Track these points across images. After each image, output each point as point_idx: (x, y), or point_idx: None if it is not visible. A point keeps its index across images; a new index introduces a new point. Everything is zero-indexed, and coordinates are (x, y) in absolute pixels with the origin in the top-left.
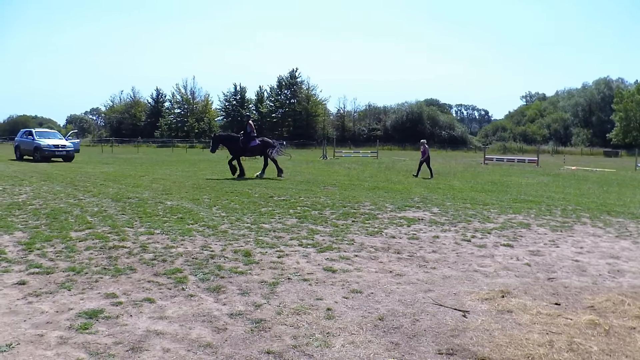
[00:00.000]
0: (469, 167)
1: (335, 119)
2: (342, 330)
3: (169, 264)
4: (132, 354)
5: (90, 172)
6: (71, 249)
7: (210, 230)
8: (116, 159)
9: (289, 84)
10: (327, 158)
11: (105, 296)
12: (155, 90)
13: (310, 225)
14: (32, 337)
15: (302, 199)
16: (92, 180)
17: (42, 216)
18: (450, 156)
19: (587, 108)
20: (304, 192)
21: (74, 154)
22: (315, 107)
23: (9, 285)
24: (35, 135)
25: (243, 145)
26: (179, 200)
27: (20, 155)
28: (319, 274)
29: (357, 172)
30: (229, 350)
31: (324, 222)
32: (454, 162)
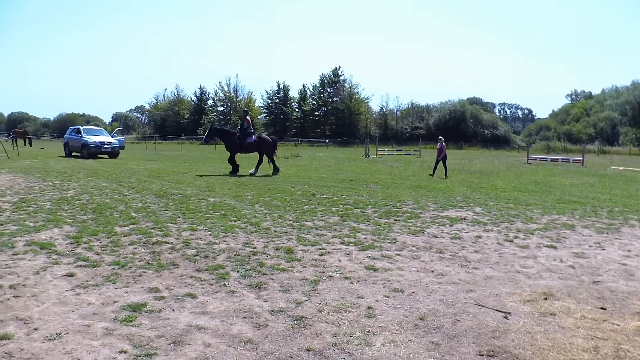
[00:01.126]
0: (512, 167)
1: (378, 117)
2: (383, 329)
3: (211, 260)
4: (174, 347)
5: (134, 168)
6: (116, 244)
7: (253, 227)
8: (160, 155)
9: (331, 82)
10: (370, 156)
11: (148, 290)
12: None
13: (353, 224)
14: (79, 327)
15: (345, 197)
16: (136, 176)
17: (88, 211)
18: (493, 155)
19: (636, 106)
20: (346, 190)
21: (119, 150)
22: (357, 105)
23: (58, 276)
24: (82, 132)
25: (239, 142)
26: (222, 197)
27: (69, 152)
28: (361, 272)
29: (399, 170)
30: (269, 347)
31: (366, 221)
32: (497, 161)
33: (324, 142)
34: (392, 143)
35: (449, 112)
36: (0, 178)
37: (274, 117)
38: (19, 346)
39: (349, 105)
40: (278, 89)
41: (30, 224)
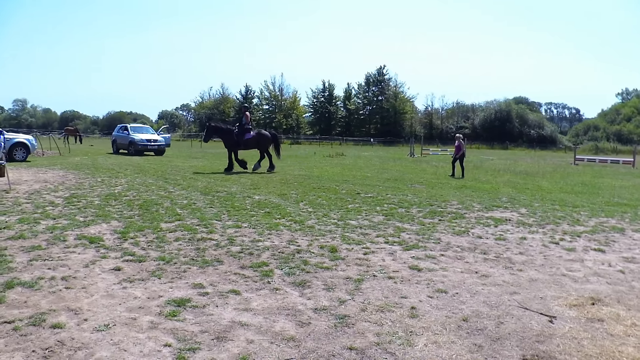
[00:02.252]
0: (558, 168)
1: (423, 117)
2: (426, 330)
3: (256, 257)
4: (217, 343)
5: (180, 165)
6: (162, 240)
7: (297, 225)
8: (205, 153)
9: (376, 81)
10: (415, 156)
11: (193, 286)
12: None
13: (397, 223)
14: (126, 320)
15: (389, 196)
16: (181, 173)
17: (135, 207)
18: (538, 156)
19: None
20: (391, 189)
21: (165, 148)
22: (403, 105)
23: (106, 270)
24: (130, 130)
25: (237, 138)
26: (267, 194)
27: (117, 149)
28: (404, 272)
29: (444, 170)
30: (311, 345)
31: (411, 220)
32: (543, 162)
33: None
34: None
35: (494, 111)
36: (53, 174)
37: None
38: (70, 335)
39: (394, 104)
40: (323, 87)
41: (80, 218)
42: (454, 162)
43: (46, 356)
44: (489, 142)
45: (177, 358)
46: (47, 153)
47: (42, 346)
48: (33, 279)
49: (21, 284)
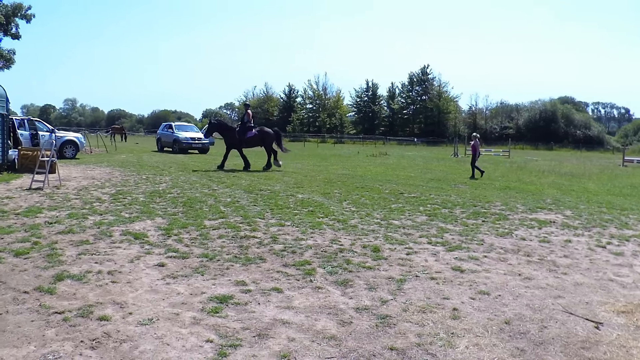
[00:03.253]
0: (606, 169)
1: (467, 117)
2: (467, 332)
3: (298, 256)
4: (258, 340)
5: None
6: (205, 237)
7: (340, 225)
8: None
9: (420, 80)
10: (459, 156)
11: (235, 283)
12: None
13: (440, 224)
14: (169, 315)
15: (433, 196)
16: (225, 172)
17: (179, 204)
18: (585, 157)
19: None
20: (434, 189)
21: (209, 146)
22: (446, 104)
23: (150, 266)
24: (174, 128)
25: (239, 136)
26: (310, 193)
27: (161, 147)
28: (447, 273)
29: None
30: (352, 344)
31: (454, 221)
32: (589, 163)
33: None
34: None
35: (539, 111)
36: (100, 171)
37: (362, 115)
38: (116, 328)
39: (438, 103)
40: (367, 87)
41: (126, 215)
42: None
43: (93, 347)
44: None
45: (218, 354)
46: (95, 151)
47: (90, 337)
48: (81, 272)
49: (70, 276)
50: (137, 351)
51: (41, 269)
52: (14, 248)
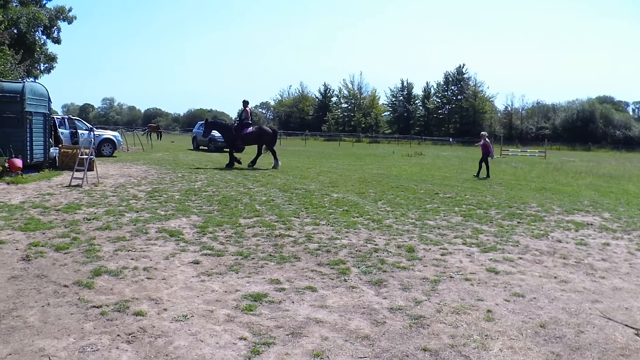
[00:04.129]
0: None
1: (503, 117)
2: (501, 334)
3: (333, 255)
4: (291, 338)
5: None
6: (240, 235)
7: (375, 224)
8: (284, 151)
9: (455, 80)
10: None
11: (269, 281)
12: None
13: (475, 224)
14: (203, 312)
15: (468, 197)
16: (260, 170)
17: (214, 202)
18: (624, 158)
19: None
20: (469, 190)
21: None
22: (482, 104)
23: (185, 263)
24: None
25: (236, 133)
26: (345, 193)
27: (197, 146)
28: (481, 274)
29: (523, 171)
30: (385, 344)
31: (489, 222)
32: (629, 164)
33: (447, 141)
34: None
35: (576, 111)
36: (137, 169)
37: (397, 114)
38: (151, 323)
39: (474, 103)
40: (402, 86)
41: (162, 212)
42: (487, 162)
43: (129, 341)
44: (570, 144)
45: (251, 351)
46: (132, 149)
47: (126, 331)
48: (118, 268)
49: (107, 272)
50: (171, 347)
51: (80, 263)
52: (55, 243)
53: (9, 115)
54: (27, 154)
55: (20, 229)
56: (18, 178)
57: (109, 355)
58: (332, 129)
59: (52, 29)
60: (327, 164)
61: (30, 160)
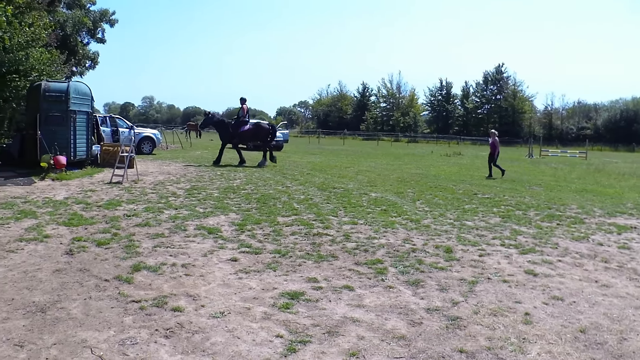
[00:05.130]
0: None
1: (542, 117)
2: (539, 338)
3: (370, 255)
4: (327, 337)
5: (297, 161)
6: (278, 233)
7: (413, 224)
8: (322, 150)
9: (494, 80)
10: (533, 157)
11: (307, 280)
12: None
13: (514, 226)
14: (240, 309)
15: (506, 197)
16: (299, 169)
17: (253, 200)
18: None
19: None
20: (508, 190)
21: (283, 144)
22: (521, 104)
23: (223, 260)
24: None
25: (233, 130)
26: (383, 192)
27: None
28: (520, 276)
29: (563, 172)
30: (422, 345)
31: (528, 223)
32: None
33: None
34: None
35: (620, 111)
36: (176, 166)
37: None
38: (188, 319)
39: (513, 103)
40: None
41: (200, 209)
42: (492, 161)
43: (167, 336)
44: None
45: (287, 349)
46: (171, 147)
47: (164, 326)
48: (157, 264)
49: (146, 267)
50: (208, 342)
51: (120, 259)
52: (96, 238)
53: (54, 114)
54: (70, 151)
55: (64, 224)
56: (62, 175)
57: (148, 349)
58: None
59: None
60: (365, 163)
61: (74, 157)
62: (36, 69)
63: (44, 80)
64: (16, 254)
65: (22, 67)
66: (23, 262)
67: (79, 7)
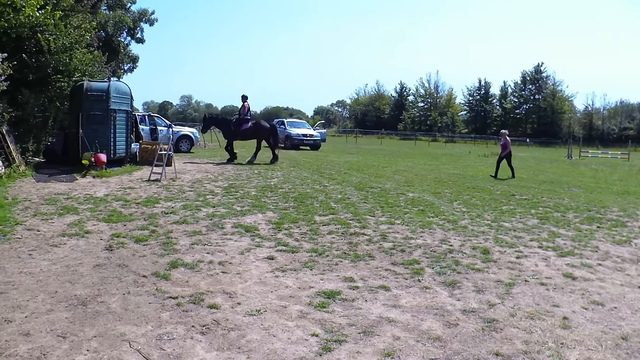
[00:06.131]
0: None
1: (582, 117)
2: (578, 343)
3: (407, 255)
4: (363, 337)
5: (335, 160)
6: (315, 232)
7: (450, 225)
8: (360, 149)
9: (533, 79)
10: (572, 158)
11: (343, 279)
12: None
13: (552, 228)
14: (277, 307)
15: (545, 199)
16: (336, 168)
17: (290, 199)
18: None
19: None
20: (546, 192)
21: (321, 143)
22: (560, 104)
23: (260, 258)
24: (286, 125)
25: (234, 128)
26: (421, 192)
27: None
28: (558, 279)
29: (604, 174)
30: (457, 346)
31: (567, 225)
32: None
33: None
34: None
35: None
36: (214, 165)
37: (474, 114)
38: (225, 316)
39: (552, 103)
40: (479, 85)
41: (238, 208)
42: (500, 161)
43: (203, 332)
44: None
45: (322, 348)
46: (209, 145)
47: (200, 323)
48: (194, 261)
49: (183, 264)
50: (244, 340)
51: (158, 255)
52: (135, 235)
53: (95, 113)
54: (110, 149)
55: (104, 220)
56: (102, 172)
57: (184, 345)
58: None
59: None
60: (402, 163)
61: (114, 155)
62: (79, 69)
63: (86, 80)
64: (59, 248)
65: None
66: (65, 256)
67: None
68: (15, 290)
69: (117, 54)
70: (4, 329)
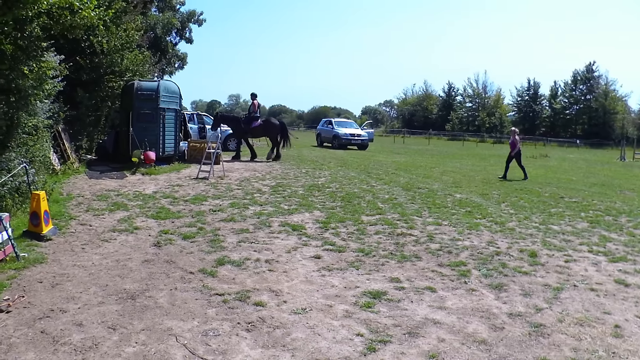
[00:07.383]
0: None
1: (637, 117)
2: (632, 354)
3: (454, 256)
4: (408, 338)
5: (382, 160)
6: (362, 232)
7: (498, 227)
8: (407, 149)
9: (584, 79)
10: (625, 160)
11: (389, 279)
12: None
13: (603, 232)
14: (322, 306)
15: (595, 202)
16: (384, 168)
17: (337, 199)
18: None
19: None
20: (597, 195)
21: (368, 142)
22: (613, 104)
23: (307, 257)
24: (334, 124)
25: (244, 126)
26: (468, 193)
27: (321, 142)
28: (609, 285)
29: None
30: (503, 351)
31: (618, 230)
32: None
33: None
34: None
35: None
36: (261, 164)
37: (522, 114)
38: (270, 314)
39: (604, 103)
40: (528, 85)
41: (285, 206)
42: (509, 161)
43: (249, 329)
44: None
45: (367, 348)
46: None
47: (246, 320)
48: (240, 259)
49: (230, 262)
50: (289, 338)
51: (205, 252)
52: (183, 232)
53: (145, 112)
54: (159, 147)
55: (152, 217)
56: (151, 169)
57: (229, 341)
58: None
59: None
60: (450, 163)
61: (162, 153)
62: (130, 69)
63: (136, 80)
64: (110, 243)
65: (117, 69)
66: (116, 251)
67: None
68: (70, 282)
69: (166, 54)
70: (60, 319)
